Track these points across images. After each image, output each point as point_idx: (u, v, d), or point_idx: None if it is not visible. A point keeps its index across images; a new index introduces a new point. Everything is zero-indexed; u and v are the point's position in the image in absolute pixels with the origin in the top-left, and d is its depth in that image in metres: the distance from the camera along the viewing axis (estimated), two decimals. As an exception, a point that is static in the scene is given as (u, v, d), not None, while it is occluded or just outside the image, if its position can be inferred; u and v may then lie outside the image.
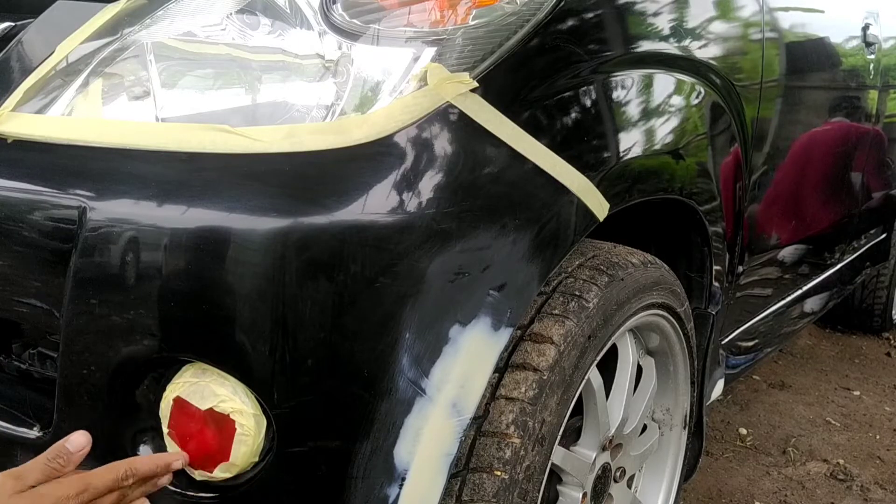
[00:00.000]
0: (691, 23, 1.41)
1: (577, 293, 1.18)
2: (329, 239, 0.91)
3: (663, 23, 1.34)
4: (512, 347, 1.12)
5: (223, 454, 0.95)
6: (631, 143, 1.23)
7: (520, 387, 1.09)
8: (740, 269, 1.75)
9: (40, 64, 1.08)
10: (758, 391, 2.77)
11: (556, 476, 1.28)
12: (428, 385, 0.97)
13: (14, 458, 1.03)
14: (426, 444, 0.98)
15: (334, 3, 1.06)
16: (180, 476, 0.97)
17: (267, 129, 0.95)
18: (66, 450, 0.88)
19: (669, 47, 1.35)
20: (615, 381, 1.35)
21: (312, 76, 1.02)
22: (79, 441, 0.88)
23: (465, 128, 1.00)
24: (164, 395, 0.97)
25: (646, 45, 1.29)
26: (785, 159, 1.86)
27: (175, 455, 0.95)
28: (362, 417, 0.95)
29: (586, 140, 1.14)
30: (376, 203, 0.93)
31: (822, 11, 2.04)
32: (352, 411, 0.95)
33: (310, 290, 0.91)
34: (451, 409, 0.99)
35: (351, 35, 1.03)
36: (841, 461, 2.33)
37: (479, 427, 1.07)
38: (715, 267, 1.56)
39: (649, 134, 1.27)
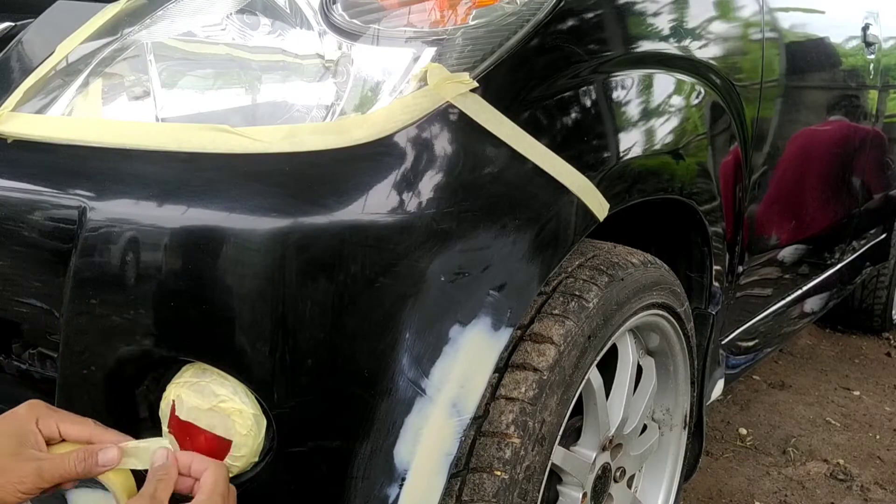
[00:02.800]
0: (691, 23, 1.41)
1: (577, 293, 1.18)
2: (329, 239, 0.91)
3: (663, 23, 1.33)
4: (512, 347, 1.12)
5: (223, 454, 0.95)
6: (631, 143, 1.23)
7: (520, 387, 1.09)
8: (740, 269, 1.75)
9: (40, 64, 1.08)
10: (758, 391, 2.77)
11: (556, 476, 1.28)
12: (428, 385, 0.97)
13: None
14: (426, 444, 0.98)
15: (334, 3, 1.05)
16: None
17: (267, 129, 0.95)
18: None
19: (669, 47, 1.35)
20: (615, 381, 1.35)
21: (312, 76, 1.02)
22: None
23: (465, 128, 1.00)
24: (164, 395, 0.97)
25: (646, 45, 1.29)
26: (785, 159, 1.86)
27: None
28: (362, 417, 0.95)
29: (586, 140, 1.14)
30: (376, 203, 0.93)
31: (822, 11, 2.04)
32: (352, 411, 0.95)
33: (310, 290, 0.91)
34: (451, 409, 0.99)
35: (351, 35, 1.03)
36: (841, 461, 2.33)
37: (479, 427, 1.07)
38: (715, 267, 1.55)
39: (649, 134, 1.27)
